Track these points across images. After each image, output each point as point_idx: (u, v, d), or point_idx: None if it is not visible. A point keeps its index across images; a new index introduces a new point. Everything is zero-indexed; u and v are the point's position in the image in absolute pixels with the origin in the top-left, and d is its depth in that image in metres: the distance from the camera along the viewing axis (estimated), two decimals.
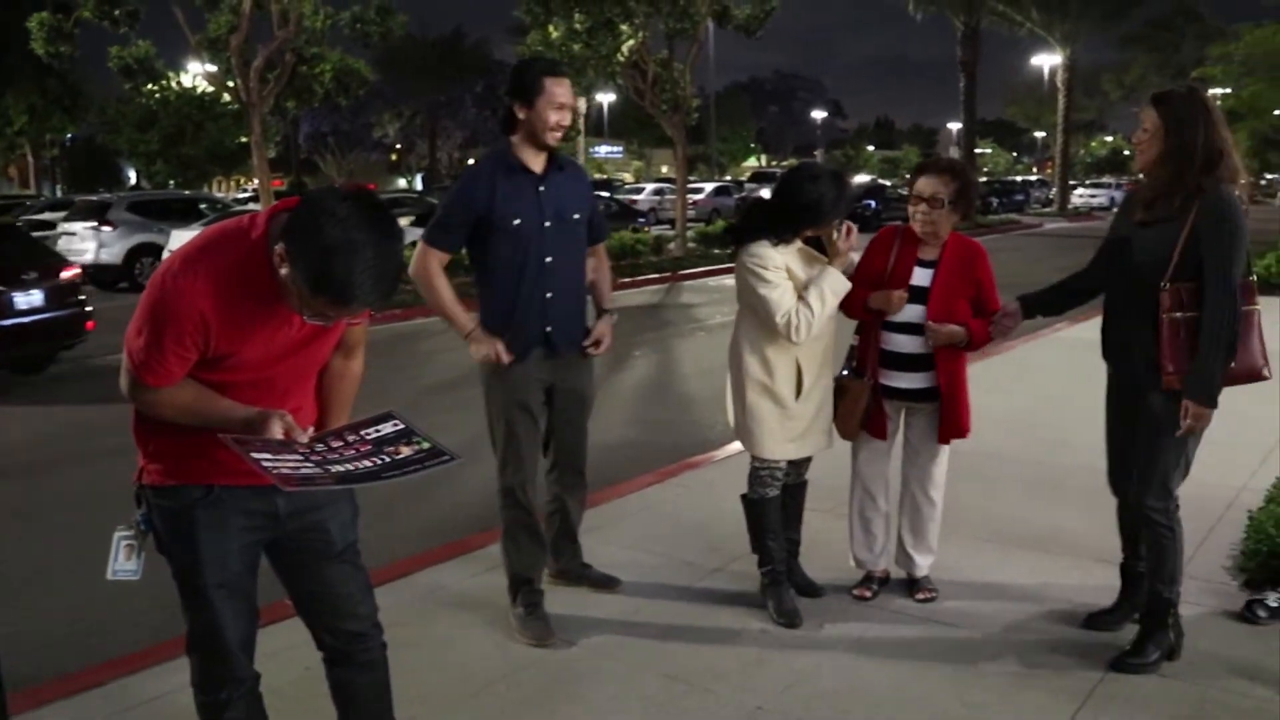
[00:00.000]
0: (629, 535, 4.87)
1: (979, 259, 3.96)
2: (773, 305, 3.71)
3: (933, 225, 3.86)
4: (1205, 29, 42.22)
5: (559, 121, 3.65)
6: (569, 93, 3.66)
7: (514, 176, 3.68)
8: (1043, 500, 5.23)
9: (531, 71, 3.66)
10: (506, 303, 3.72)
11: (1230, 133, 3.41)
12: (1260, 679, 3.45)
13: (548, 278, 3.71)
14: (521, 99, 3.63)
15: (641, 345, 11.55)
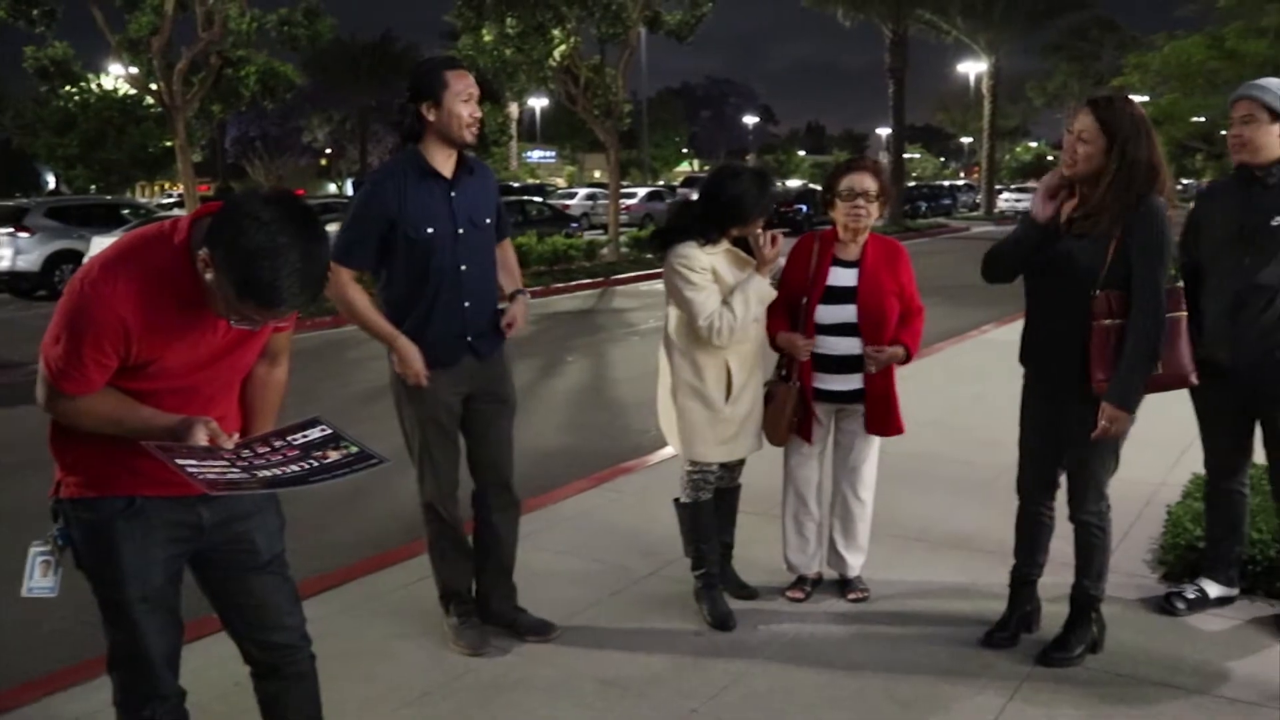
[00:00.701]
0: (562, 541, 4.85)
1: (900, 257, 4.03)
2: (696, 307, 3.73)
3: (867, 219, 3.93)
4: (1122, 38, 43.43)
5: (472, 114, 3.50)
6: (474, 84, 3.53)
7: (424, 182, 3.51)
8: (971, 499, 5.33)
9: (433, 69, 3.51)
10: (424, 314, 3.55)
11: None
12: (1179, 668, 3.55)
13: (464, 286, 3.58)
14: (429, 99, 3.47)
15: (574, 350, 11.53)
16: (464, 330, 3.61)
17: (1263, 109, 3.64)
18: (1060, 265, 3.42)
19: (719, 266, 3.79)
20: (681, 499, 4.03)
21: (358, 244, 3.54)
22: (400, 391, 3.66)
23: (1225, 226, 3.75)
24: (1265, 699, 3.34)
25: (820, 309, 3.96)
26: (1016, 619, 3.76)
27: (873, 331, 3.92)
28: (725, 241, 3.82)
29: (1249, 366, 3.68)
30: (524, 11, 18.80)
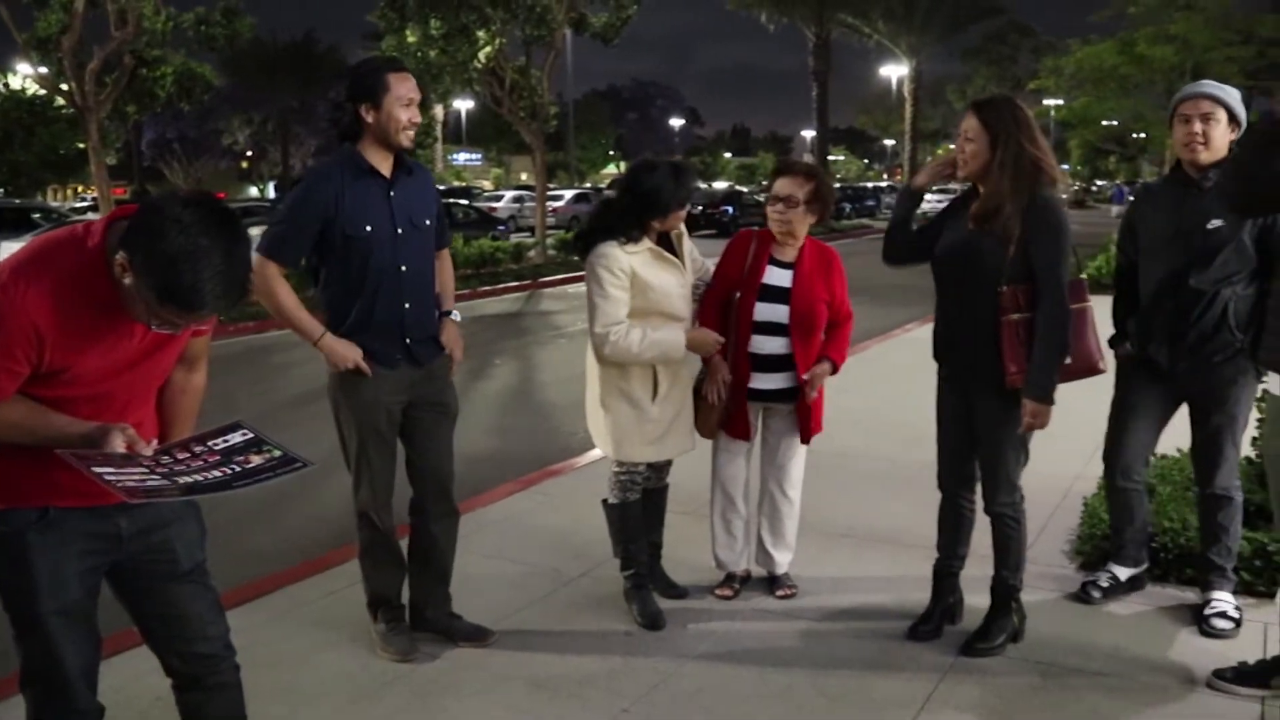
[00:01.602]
0: (491, 545, 4.83)
1: (835, 265, 4.07)
2: (599, 312, 3.74)
3: (789, 225, 3.95)
4: (1038, 43, 44.55)
5: (411, 119, 3.46)
6: (415, 88, 3.50)
7: (363, 181, 3.46)
8: (895, 495, 5.42)
9: (375, 70, 3.46)
10: (363, 315, 3.49)
11: (1045, 138, 3.57)
12: (1096, 654, 3.66)
13: (404, 286, 3.53)
14: (368, 100, 3.43)
15: (501, 354, 11.48)
16: (404, 332, 3.56)
17: (1224, 110, 3.69)
18: (966, 263, 3.52)
19: (639, 267, 3.78)
20: (609, 500, 4.04)
21: (289, 239, 3.48)
22: (340, 397, 3.59)
23: (1162, 228, 3.82)
24: (1177, 682, 3.45)
25: (757, 306, 3.99)
26: (940, 611, 3.84)
27: (802, 333, 3.96)
28: (647, 240, 3.82)
29: (1189, 368, 3.78)
30: (448, 13, 18.64)
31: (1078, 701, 3.35)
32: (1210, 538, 3.95)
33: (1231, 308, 3.69)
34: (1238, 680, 3.37)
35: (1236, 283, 3.69)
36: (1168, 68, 20.70)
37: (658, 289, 3.80)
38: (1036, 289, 3.43)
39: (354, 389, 3.53)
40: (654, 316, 3.81)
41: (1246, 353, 3.71)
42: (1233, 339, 3.70)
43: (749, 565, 4.31)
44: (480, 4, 18.64)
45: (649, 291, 3.78)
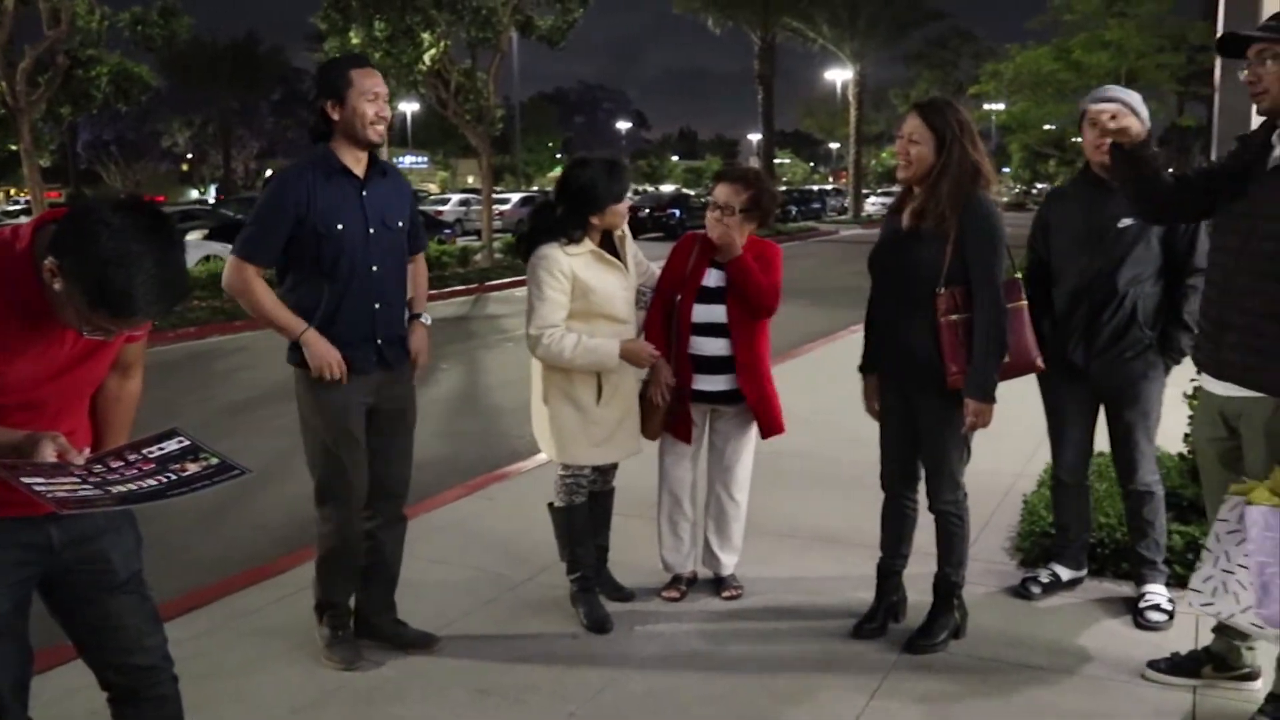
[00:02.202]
0: (436, 550, 4.79)
1: (774, 261, 4.07)
2: (534, 314, 3.75)
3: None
4: (979, 48, 45.23)
5: (378, 113, 3.43)
6: (380, 83, 3.47)
7: (335, 180, 3.43)
8: (839, 495, 5.46)
9: (338, 67, 3.48)
10: (333, 315, 3.44)
11: (983, 141, 3.64)
12: (1036, 648, 3.72)
13: (375, 287, 3.49)
14: (333, 97, 3.41)
15: (448, 357, 11.41)
16: (374, 333, 3.52)
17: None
18: (905, 266, 3.57)
19: (580, 268, 3.78)
20: (555, 503, 4.03)
21: (263, 239, 3.44)
22: (309, 400, 3.52)
23: (1073, 228, 3.93)
24: (1113, 674, 3.52)
25: (696, 308, 4.01)
26: (884, 609, 3.88)
27: (744, 331, 3.98)
28: (589, 241, 3.83)
29: (1101, 366, 3.87)
30: (392, 15, 18.50)
31: (1019, 695, 3.41)
32: (1138, 533, 4.05)
33: (1140, 305, 3.83)
34: (1171, 671, 3.45)
35: (1144, 281, 3.83)
36: (1103, 73, 21.14)
37: (600, 291, 3.80)
38: (973, 290, 3.49)
39: (325, 390, 3.48)
40: (597, 319, 3.81)
41: (1155, 348, 3.85)
42: (1142, 336, 3.84)
43: (696, 566, 4.32)
44: (425, 6, 18.53)
45: (591, 294, 3.78)
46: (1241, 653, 3.37)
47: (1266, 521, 2.81)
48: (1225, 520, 2.98)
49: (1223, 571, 2.95)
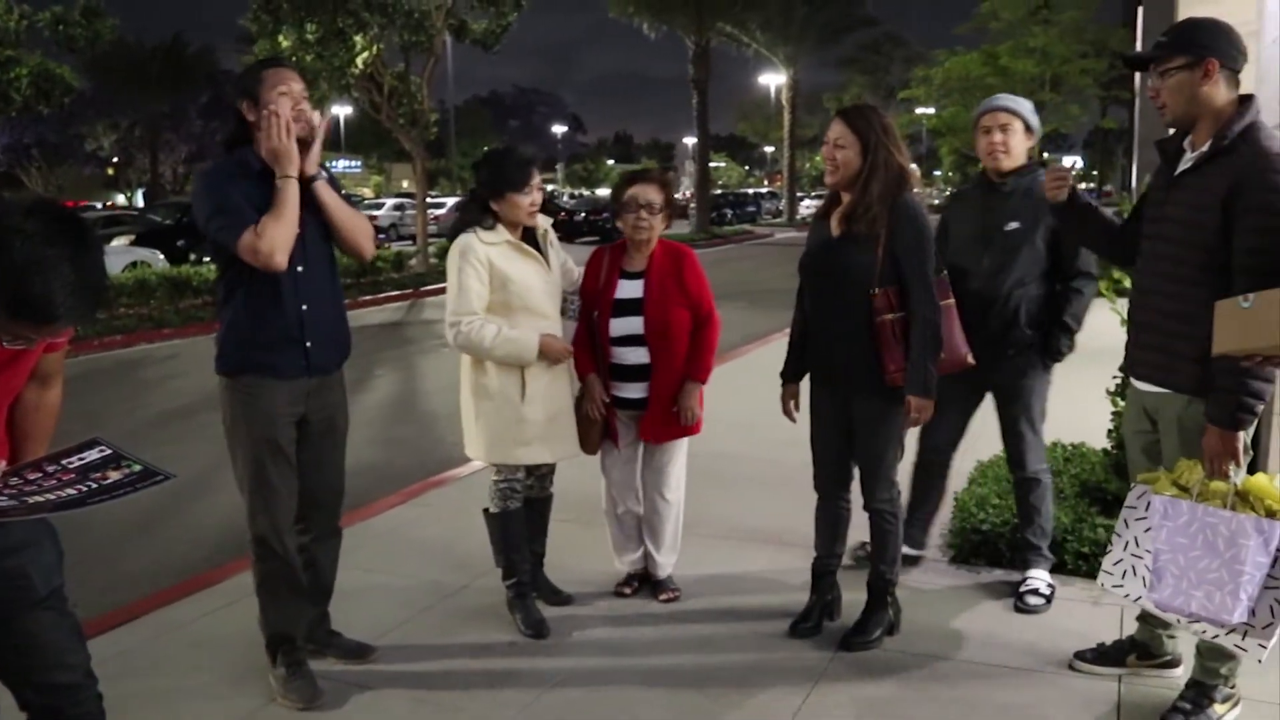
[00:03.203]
0: (372, 559, 4.74)
1: (687, 263, 4.09)
2: (454, 301, 3.77)
3: (650, 231, 4.01)
4: (910, 54, 45.92)
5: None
6: (295, 80, 3.37)
7: (256, 181, 3.30)
8: (775, 496, 5.50)
9: (251, 70, 3.41)
10: (259, 319, 3.33)
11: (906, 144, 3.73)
12: (968, 642, 3.79)
13: (301, 288, 3.36)
14: (247, 97, 3.34)
15: (383, 364, 11.30)
16: (302, 335, 3.39)
17: (1019, 120, 4.03)
18: (838, 270, 3.62)
19: (497, 258, 3.79)
20: (490, 509, 4.02)
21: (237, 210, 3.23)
22: (235, 411, 3.39)
23: (968, 229, 4.12)
24: (1043, 666, 3.60)
25: (611, 322, 4.04)
26: (819, 608, 3.92)
27: (659, 341, 4.01)
28: (505, 232, 3.84)
29: (986, 362, 3.97)
30: (323, 17, 18.27)
31: (953, 690, 3.47)
32: (1025, 519, 4.23)
33: (1024, 307, 3.99)
34: (1097, 661, 3.54)
35: (1029, 283, 4.00)
36: (1029, 78, 21.58)
37: (518, 281, 3.81)
38: (905, 289, 3.55)
39: (250, 400, 3.35)
40: (518, 311, 3.82)
41: (1037, 348, 4.02)
42: (1024, 335, 4.01)
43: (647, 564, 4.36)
44: (356, 9, 18.33)
45: (509, 284, 3.80)
46: (1164, 641, 3.47)
47: (1165, 510, 2.94)
48: (1134, 507, 3.11)
49: (1132, 556, 3.10)
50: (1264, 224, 2.79)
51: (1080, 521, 4.45)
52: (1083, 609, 4.04)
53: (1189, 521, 2.89)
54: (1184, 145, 3.12)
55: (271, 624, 3.52)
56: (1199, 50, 2.95)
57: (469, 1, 20.34)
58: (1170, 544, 2.92)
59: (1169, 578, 2.92)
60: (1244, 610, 2.78)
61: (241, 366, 3.36)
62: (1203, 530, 2.85)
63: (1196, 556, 2.86)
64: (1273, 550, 2.76)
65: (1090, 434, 5.56)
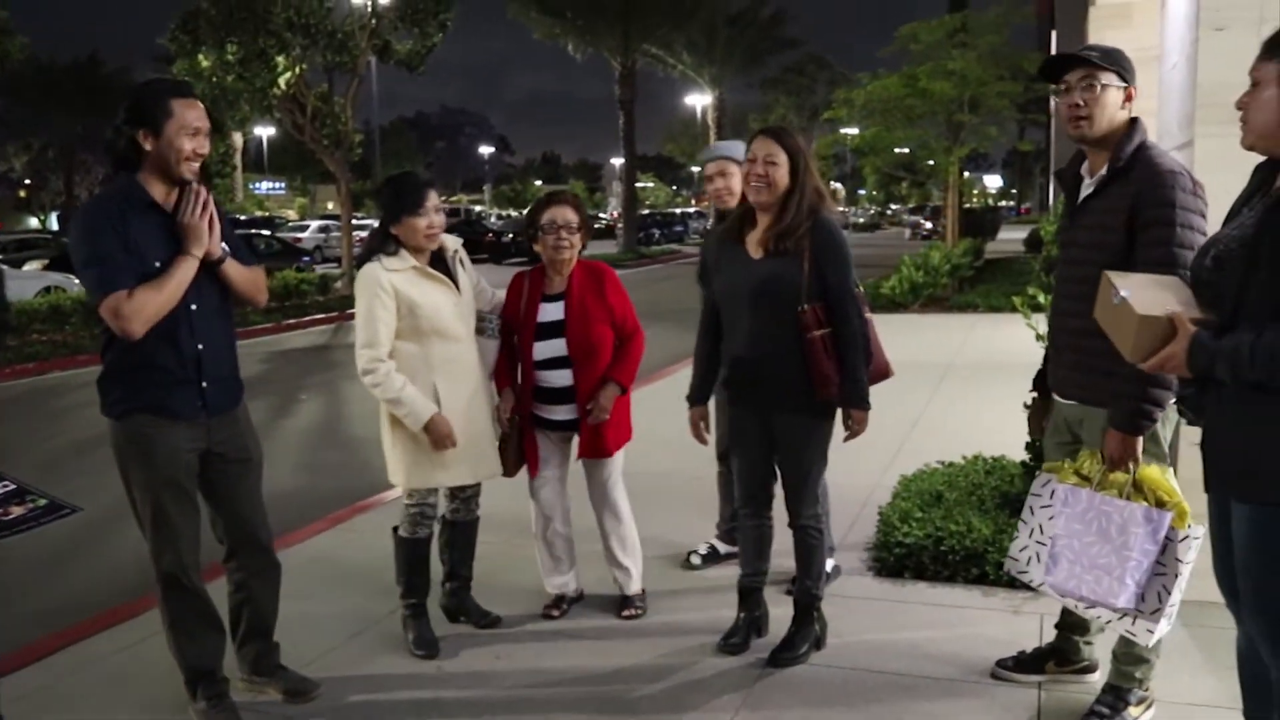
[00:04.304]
0: (297, 588, 4.61)
1: (607, 281, 4.13)
2: (361, 336, 3.76)
3: (570, 250, 4.04)
4: (833, 75, 46.70)
5: (195, 150, 3.18)
6: (203, 116, 3.24)
7: (145, 214, 3.17)
8: (704, 513, 5.51)
9: (156, 94, 3.18)
10: (151, 360, 3.19)
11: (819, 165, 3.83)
12: (893, 654, 3.84)
13: (196, 326, 3.25)
14: (147, 126, 3.14)
15: (308, 388, 11.14)
16: (198, 376, 3.28)
17: (735, 164, 4.30)
18: (765, 288, 3.63)
19: (402, 284, 3.78)
20: (400, 532, 4.00)
21: (113, 263, 3.09)
22: (128, 452, 3.26)
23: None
24: (966, 674, 3.67)
25: (535, 345, 4.06)
26: (747, 625, 3.95)
27: (584, 362, 4.03)
28: (410, 258, 3.82)
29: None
30: (244, 37, 18.05)
31: (878, 702, 3.51)
32: None
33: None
34: (1017, 668, 3.62)
35: None
36: (948, 99, 22.05)
37: (426, 306, 3.80)
38: (830, 304, 3.61)
39: (146, 441, 3.23)
40: (430, 336, 3.82)
41: None
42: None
43: (579, 584, 4.38)
44: (278, 29, 18.15)
45: (417, 309, 3.79)
46: (1080, 647, 3.56)
47: (1065, 498, 3.05)
48: (1039, 495, 3.22)
49: (1035, 542, 3.20)
50: (1163, 236, 2.91)
51: (1000, 533, 4.55)
52: (1004, 618, 4.12)
53: (1086, 509, 3.00)
54: (1081, 172, 3.24)
55: (190, 660, 3.43)
56: (1126, 76, 3.09)
57: (393, 22, 20.25)
58: (1067, 530, 3.03)
59: (1064, 562, 3.03)
60: (1130, 595, 2.88)
61: (131, 408, 3.23)
62: (1098, 517, 2.97)
63: (1090, 542, 2.97)
64: (1160, 538, 2.86)
65: (1009, 447, 5.69)
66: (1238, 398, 2.31)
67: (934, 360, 10.78)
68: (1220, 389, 2.36)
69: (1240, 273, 2.32)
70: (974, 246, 23.58)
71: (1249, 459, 2.32)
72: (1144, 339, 2.44)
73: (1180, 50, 4.34)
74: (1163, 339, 2.40)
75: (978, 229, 30.34)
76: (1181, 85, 4.29)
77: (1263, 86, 2.34)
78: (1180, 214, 2.91)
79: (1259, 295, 2.27)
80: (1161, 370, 2.46)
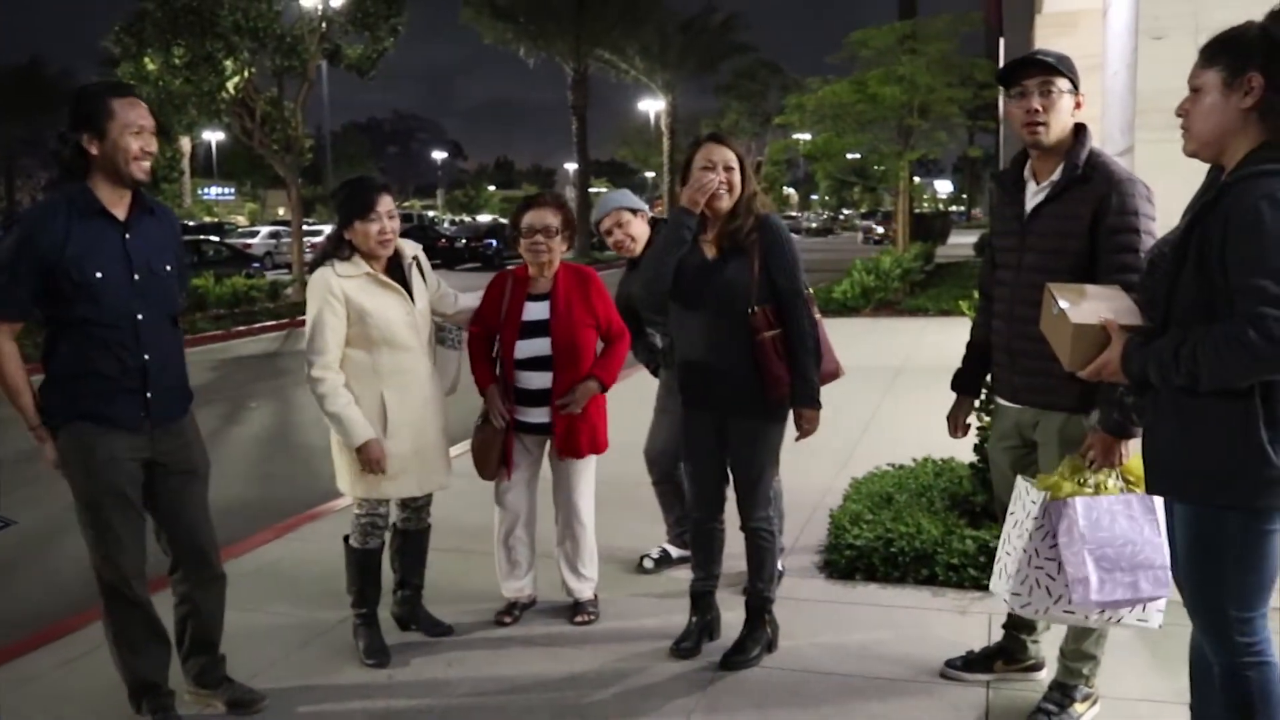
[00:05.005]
0: (245, 597, 4.57)
1: (592, 284, 4.13)
2: (311, 343, 3.73)
3: (549, 254, 4.02)
4: (785, 81, 46.96)
5: (143, 148, 3.15)
6: (146, 114, 3.19)
7: (93, 222, 3.13)
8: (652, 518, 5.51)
9: (97, 97, 3.15)
10: (95, 370, 3.16)
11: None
12: (844, 656, 3.87)
13: (143, 338, 3.20)
14: (91, 130, 3.11)
15: (258, 396, 11.01)
16: (144, 386, 3.23)
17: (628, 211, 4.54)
18: (716, 292, 3.65)
19: (354, 291, 3.75)
20: (351, 541, 3.96)
21: (10, 291, 3.10)
22: (72, 459, 3.21)
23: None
24: (916, 675, 3.70)
25: (518, 344, 4.04)
26: (699, 628, 3.95)
27: (567, 363, 4.02)
28: (364, 265, 3.80)
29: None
30: (192, 40, 17.80)
31: (829, 703, 3.53)
32: None
33: None
34: (966, 668, 3.66)
35: None
36: (898, 105, 22.29)
37: (376, 314, 3.77)
38: (780, 306, 3.63)
39: (87, 449, 3.19)
40: (379, 345, 3.78)
41: None
42: None
43: (534, 591, 4.35)
44: (226, 32, 17.91)
45: (367, 317, 3.75)
46: (1027, 646, 3.60)
47: (1083, 511, 2.93)
48: (1037, 518, 3.04)
49: (1035, 569, 3.07)
50: (1129, 242, 2.97)
51: (950, 534, 4.60)
52: (953, 619, 4.17)
53: (1103, 514, 2.92)
54: (1025, 176, 3.27)
55: (133, 674, 3.39)
56: (1076, 84, 3.14)
57: (344, 26, 20.08)
58: (1093, 540, 2.91)
59: (1095, 577, 2.90)
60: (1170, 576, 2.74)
61: (71, 416, 3.20)
62: (1115, 518, 2.91)
63: (1122, 545, 2.90)
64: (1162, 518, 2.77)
65: (958, 449, 5.74)
66: (1173, 400, 2.36)
67: (885, 364, 10.88)
68: (1157, 392, 2.40)
69: (1169, 276, 2.37)
70: (925, 251, 23.86)
71: (1186, 460, 2.37)
72: (1080, 347, 2.49)
73: (1121, 58, 4.43)
74: (1099, 346, 2.45)
75: (928, 233, 30.70)
76: (1122, 92, 4.38)
77: (1203, 93, 2.37)
78: (1143, 220, 2.99)
79: (1185, 298, 2.31)
80: (1099, 377, 2.51)
